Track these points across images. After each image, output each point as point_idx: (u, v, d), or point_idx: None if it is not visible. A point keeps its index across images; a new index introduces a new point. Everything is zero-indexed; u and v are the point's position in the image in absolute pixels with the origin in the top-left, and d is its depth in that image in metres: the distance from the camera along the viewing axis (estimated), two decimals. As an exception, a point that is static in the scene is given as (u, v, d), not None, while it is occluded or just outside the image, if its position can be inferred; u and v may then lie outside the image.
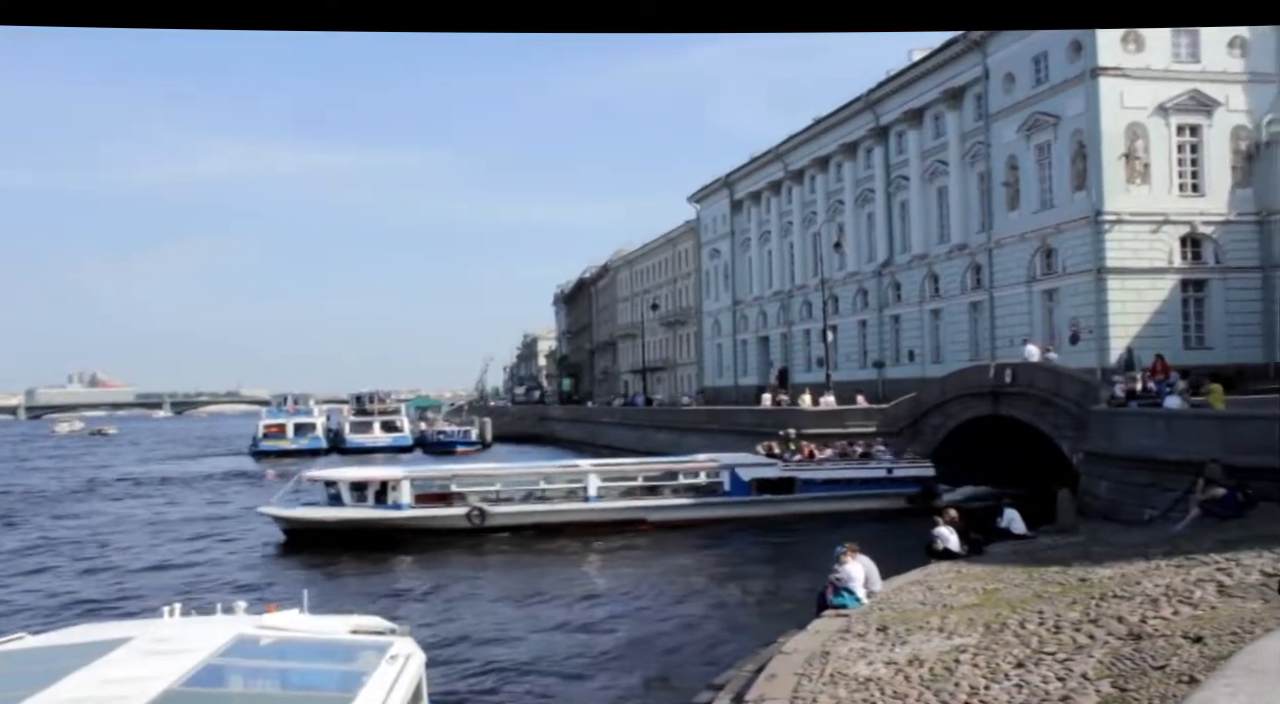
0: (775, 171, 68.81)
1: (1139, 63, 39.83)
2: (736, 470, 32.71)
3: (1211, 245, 40.48)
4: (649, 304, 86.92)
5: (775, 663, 11.18)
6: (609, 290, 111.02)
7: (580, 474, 32.97)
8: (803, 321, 65.09)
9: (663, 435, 57.30)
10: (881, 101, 55.12)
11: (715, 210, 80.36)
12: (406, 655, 8.27)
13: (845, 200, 60.04)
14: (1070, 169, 41.33)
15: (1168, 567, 13.03)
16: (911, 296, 53.34)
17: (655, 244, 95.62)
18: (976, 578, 15.14)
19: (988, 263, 46.74)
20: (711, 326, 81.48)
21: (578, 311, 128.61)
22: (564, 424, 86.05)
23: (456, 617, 20.53)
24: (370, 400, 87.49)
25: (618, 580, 24.15)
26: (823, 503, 32.01)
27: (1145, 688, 8.26)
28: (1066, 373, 33.80)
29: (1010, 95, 44.85)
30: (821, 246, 57.39)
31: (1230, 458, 18.75)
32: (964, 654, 10.22)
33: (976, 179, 48.24)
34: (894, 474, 33.43)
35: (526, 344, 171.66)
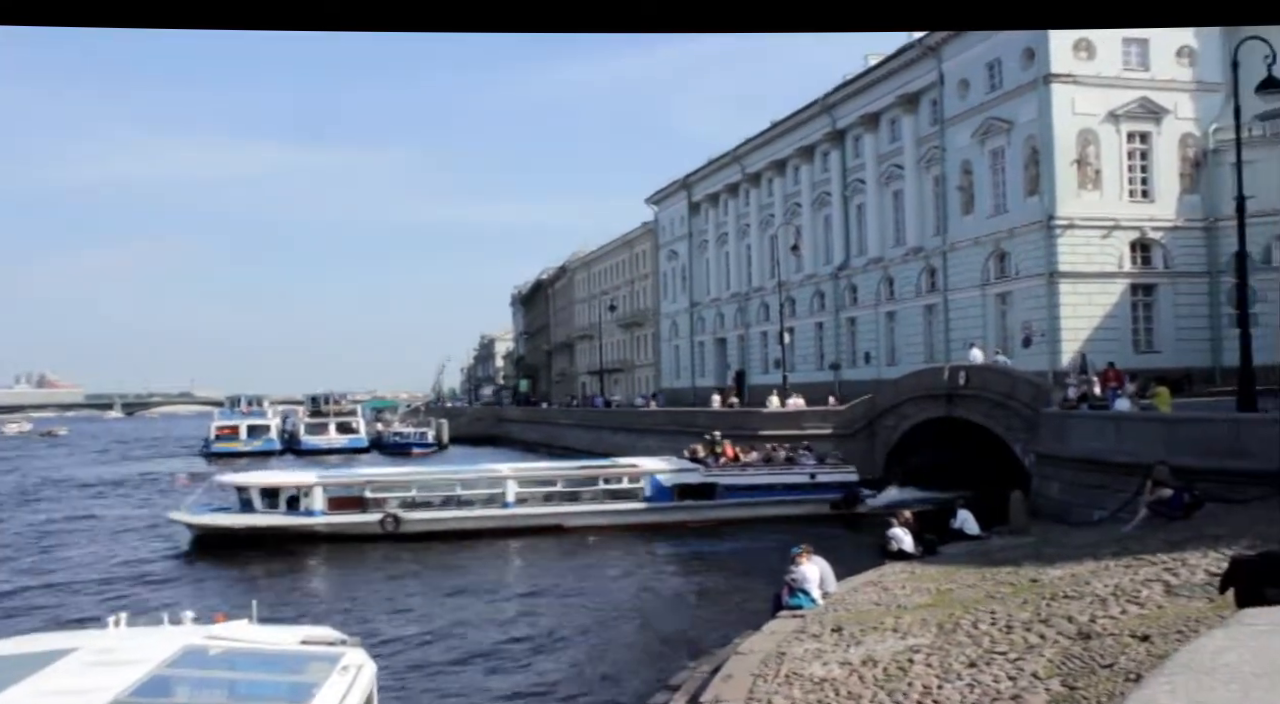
0: (733, 174, 69.09)
1: (1090, 70, 40.43)
2: (658, 476, 32.56)
3: (1160, 250, 41.15)
4: (606, 305, 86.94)
5: (731, 664, 11.23)
6: (567, 291, 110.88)
7: (498, 479, 32.64)
8: (760, 323, 65.39)
9: (620, 437, 57.28)
10: (838, 106, 55.52)
11: (673, 212, 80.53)
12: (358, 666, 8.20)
13: (802, 203, 60.42)
14: (1023, 174, 41.86)
15: (1116, 567, 13.22)
16: (867, 299, 53.76)
17: (613, 246, 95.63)
18: (930, 578, 15.29)
19: (942, 266, 47.21)
20: (669, 328, 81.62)
21: (535, 313, 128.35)
22: (521, 425, 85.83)
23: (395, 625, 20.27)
24: (326, 402, 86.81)
25: (555, 585, 23.97)
26: (745, 508, 31.98)
27: (1093, 686, 8.40)
28: (1019, 375, 34.21)
29: (965, 101, 45.34)
30: (778, 249, 57.68)
31: (1177, 460, 19.06)
32: (917, 654, 10.32)
33: (931, 183, 48.73)
34: (817, 479, 33.22)
35: (484, 345, 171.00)
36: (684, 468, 33.69)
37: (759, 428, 41.50)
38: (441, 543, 29.71)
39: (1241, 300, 23.42)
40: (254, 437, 78.32)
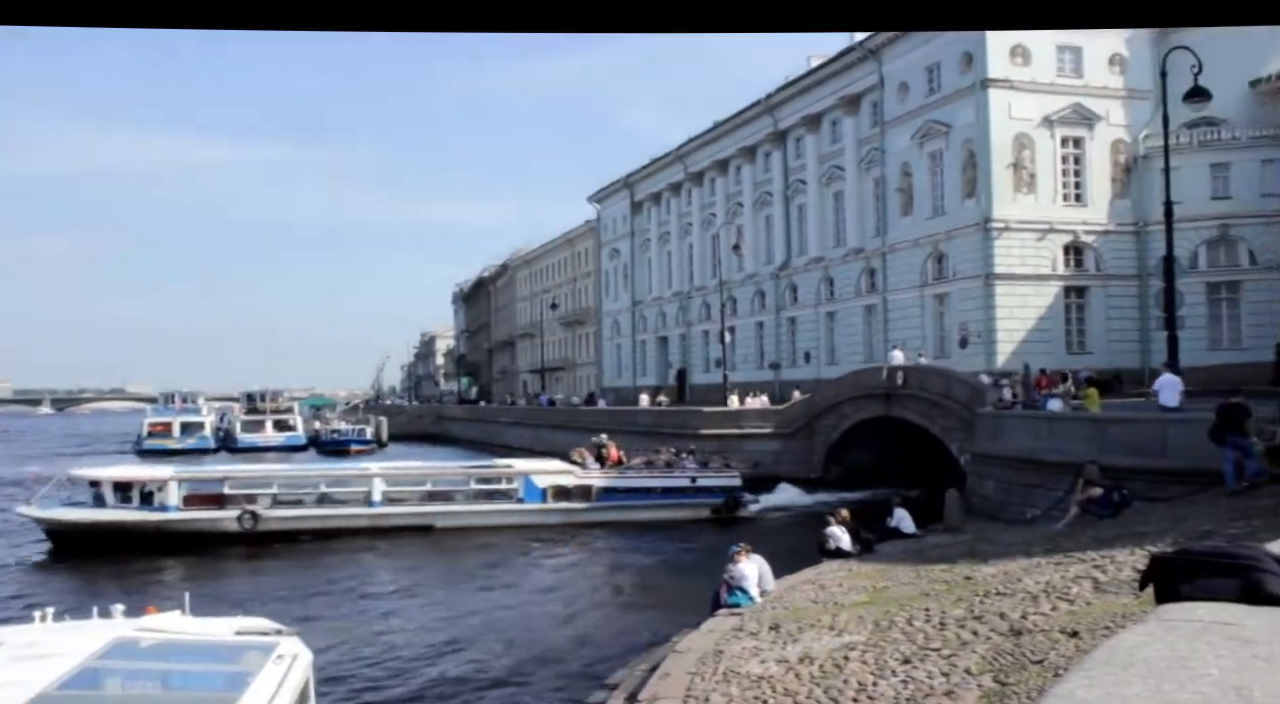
0: (675, 173, 69.26)
1: (1026, 76, 41.14)
2: (532, 478, 32.10)
3: (1092, 253, 42.00)
4: (548, 304, 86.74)
5: (669, 662, 11.26)
6: (508, 289, 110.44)
7: (365, 478, 31.96)
8: (701, 322, 65.63)
9: (560, 436, 57.14)
10: (780, 106, 55.91)
11: (615, 211, 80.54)
12: (293, 656, 8.11)
13: (744, 203, 60.75)
14: (961, 177, 42.48)
15: (1048, 564, 13.45)
16: (808, 299, 54.20)
17: (555, 244, 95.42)
18: (867, 576, 15.45)
19: (882, 267, 47.75)
20: (611, 327, 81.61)
21: (476, 310, 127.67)
22: (461, 424, 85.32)
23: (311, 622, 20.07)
24: (263, 399, 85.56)
25: (456, 584, 23.87)
26: (622, 512, 31.53)
27: (1024, 681, 8.55)
28: (956, 376, 34.70)
29: (904, 104, 45.89)
30: (720, 248, 58.00)
31: (1107, 459, 19.47)
32: (853, 651, 10.43)
33: (872, 185, 49.26)
34: (698, 483, 32.91)
35: (424, 342, 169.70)
36: (560, 470, 33.20)
37: (699, 427, 41.68)
38: (303, 542, 28.99)
39: (1169, 303, 23.99)
40: (188, 434, 76.92)
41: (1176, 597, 2.66)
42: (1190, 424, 19.08)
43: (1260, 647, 2.17)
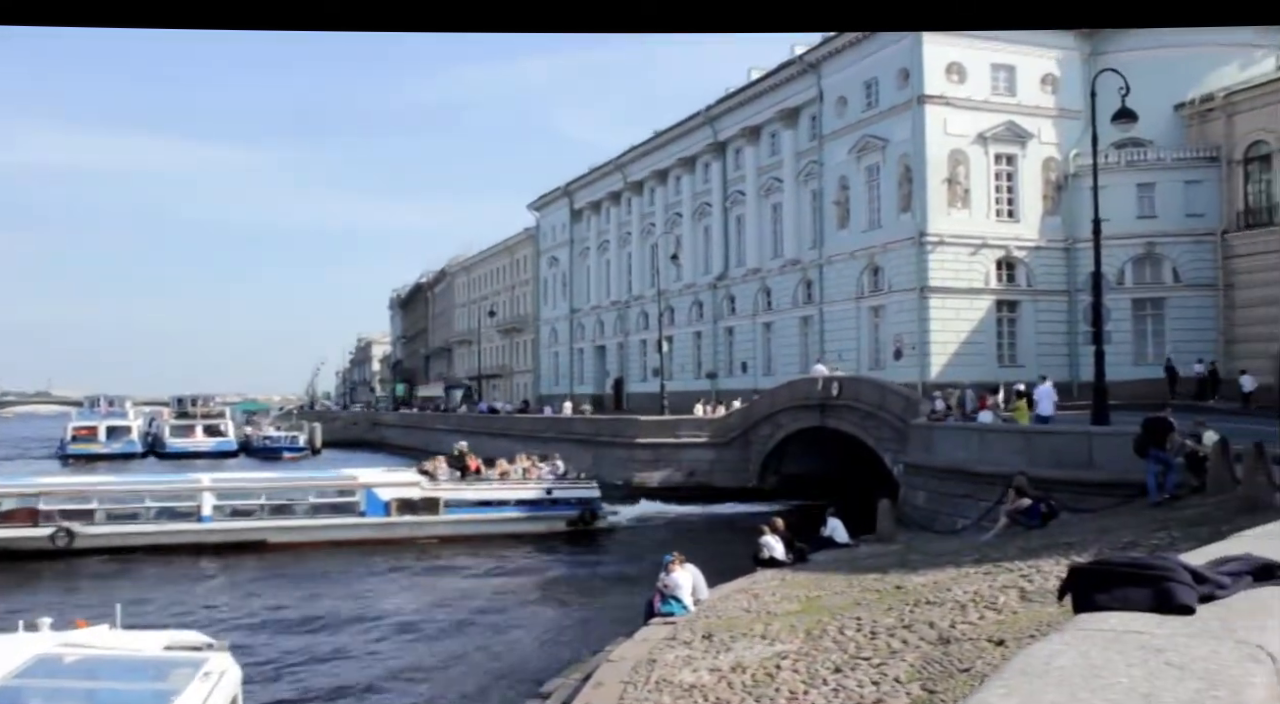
0: (615, 182, 69.36)
1: (961, 93, 41.85)
2: (374, 490, 31.00)
3: (1024, 269, 42.80)
4: (486, 310, 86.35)
5: (602, 671, 11.26)
6: (446, 296, 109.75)
7: (193, 491, 30.45)
8: (639, 331, 65.73)
9: (498, 443, 56.88)
10: (720, 118, 56.26)
11: (555, 218, 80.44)
12: (221, 672, 8.00)
13: (683, 213, 61.00)
14: (897, 191, 43.06)
15: (976, 574, 13.66)
16: (745, 309, 54.53)
17: (494, 250, 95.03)
18: (800, 586, 15.56)
19: (818, 279, 48.20)
20: (549, 334, 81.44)
21: (414, 316, 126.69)
22: (397, 430, 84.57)
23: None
24: (193, 403, 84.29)
25: (366, 596, 23.67)
26: (472, 525, 30.92)
27: (951, 690, 8.68)
28: (890, 387, 35.11)
29: (842, 118, 46.44)
30: (659, 258, 58.20)
31: (1036, 471, 19.85)
32: (785, 660, 10.50)
33: (809, 197, 49.73)
34: (552, 495, 32.24)
35: (360, 348, 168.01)
36: (406, 482, 32.20)
37: (636, 435, 41.74)
38: (126, 559, 27.49)
39: (1097, 319, 24.53)
40: (114, 438, 75.30)
41: (1093, 606, 2.73)
42: (1115, 437, 19.54)
43: (1169, 654, 2.23)
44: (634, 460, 41.21)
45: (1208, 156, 41.17)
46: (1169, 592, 2.69)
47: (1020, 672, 2.15)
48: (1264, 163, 39.93)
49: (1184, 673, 2.13)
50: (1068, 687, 2.03)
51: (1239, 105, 40.65)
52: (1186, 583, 2.75)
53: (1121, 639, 2.39)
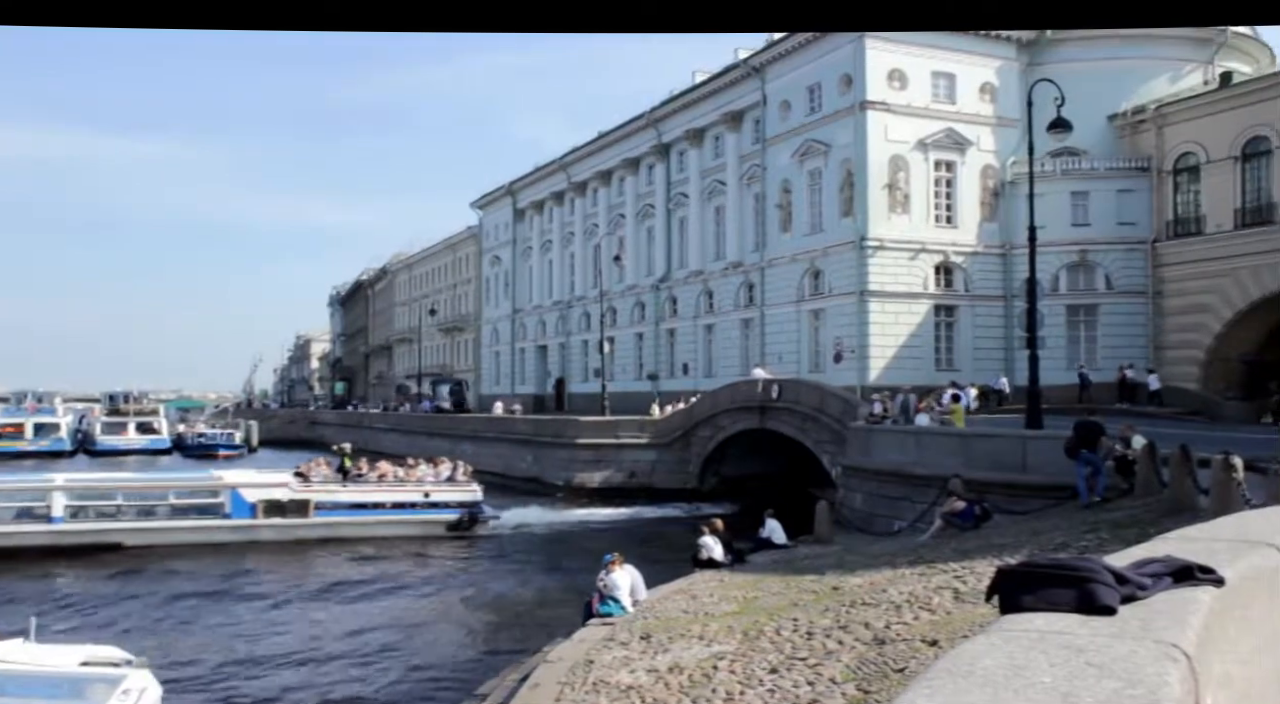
0: (559, 182, 69.27)
1: (903, 99, 42.36)
2: (240, 491, 29.91)
3: (962, 274, 43.41)
4: (427, 309, 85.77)
5: (539, 672, 11.25)
6: (387, 293, 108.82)
7: (42, 491, 28.95)
8: (581, 332, 65.69)
9: (436, 443, 56.55)
10: (664, 120, 56.41)
11: (498, 217, 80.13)
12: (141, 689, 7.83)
13: (626, 214, 61.08)
14: (839, 195, 43.46)
15: (912, 575, 13.84)
16: (687, 311, 54.73)
17: (436, 248, 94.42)
18: (738, 587, 15.65)
19: (760, 281, 48.50)
20: (490, 334, 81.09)
21: (354, 314, 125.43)
22: (335, 429, 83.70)
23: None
24: (125, 400, 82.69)
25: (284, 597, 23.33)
26: (345, 528, 30.10)
27: (886, 689, 8.79)
28: (829, 390, 35.42)
29: (786, 122, 46.78)
30: (602, 258, 58.19)
31: (971, 473, 20.14)
32: (722, 661, 10.56)
33: (752, 200, 50.03)
34: (431, 498, 31.51)
35: (299, 346, 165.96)
36: (274, 483, 31.08)
37: (576, 436, 41.70)
38: None
39: (1031, 324, 24.97)
40: (41, 435, 73.56)
41: (1019, 607, 2.78)
42: (1048, 440, 19.89)
43: (1090, 654, 2.29)
44: (575, 461, 41.18)
45: (1139, 167, 42.10)
46: (1092, 593, 2.75)
47: (946, 672, 2.18)
48: (1192, 174, 40.91)
49: (1103, 672, 2.18)
50: (991, 687, 2.07)
51: (1169, 117, 41.63)
52: (1109, 584, 2.81)
53: (1045, 639, 2.44)
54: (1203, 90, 41.77)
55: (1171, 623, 2.60)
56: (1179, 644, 2.40)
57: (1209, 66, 43.27)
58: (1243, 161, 38.98)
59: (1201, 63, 43.48)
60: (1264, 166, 38.40)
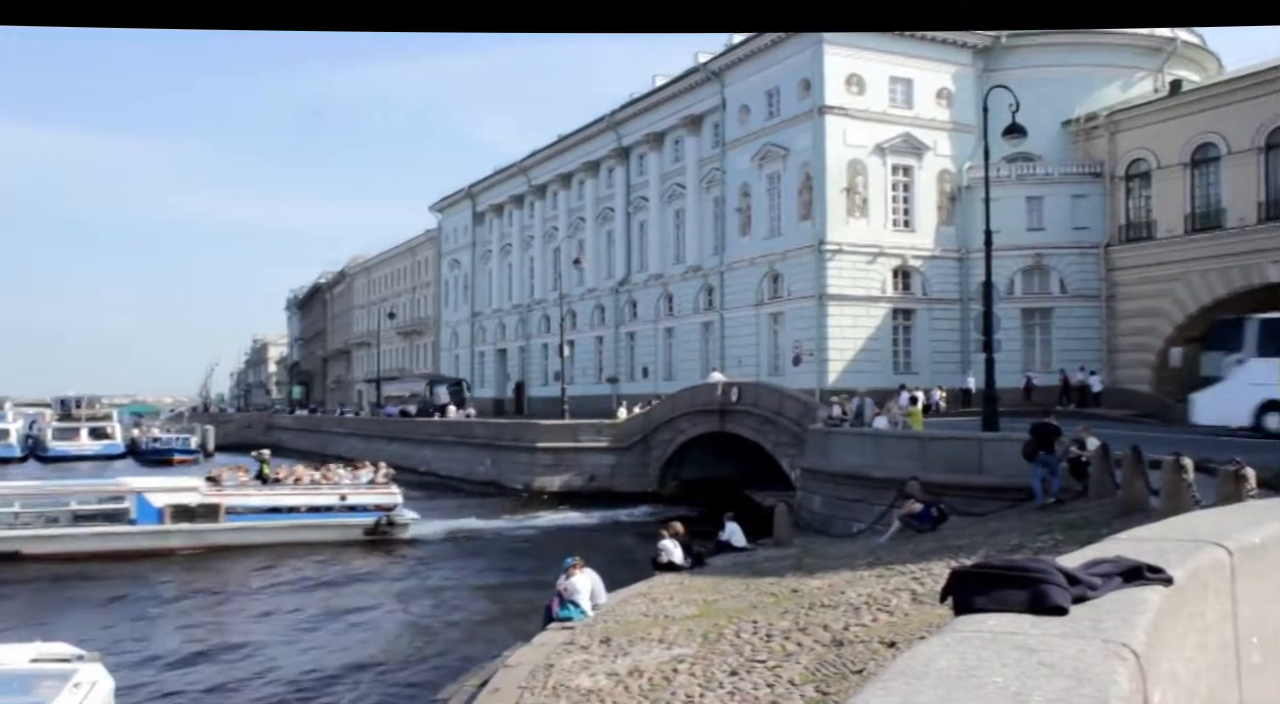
0: (519, 185, 69.13)
1: (861, 104, 42.68)
2: (146, 496, 28.83)
3: (919, 277, 43.80)
4: (386, 312, 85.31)
5: (499, 676, 11.21)
6: (346, 297, 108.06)
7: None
8: (541, 335, 65.58)
9: (395, 447, 56.21)
10: (624, 123, 56.48)
11: (457, 220, 79.84)
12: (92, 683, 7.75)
13: (586, 217, 61.07)
14: (798, 199, 43.70)
15: (870, 577, 13.95)
16: (647, 314, 54.78)
17: (395, 252, 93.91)
18: (698, 590, 15.69)
19: (720, 285, 48.65)
20: (450, 337, 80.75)
21: (312, 317, 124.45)
22: (293, 433, 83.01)
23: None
24: (78, 405, 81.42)
25: None
26: (257, 533, 29.17)
27: (844, 691, 8.85)
28: (788, 393, 35.58)
29: (745, 126, 46.98)
30: (561, 262, 58.15)
31: (928, 475, 20.33)
32: (682, 664, 10.59)
33: (712, 204, 50.20)
34: (348, 501, 30.74)
35: (256, 350, 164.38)
36: (183, 487, 30.30)
37: (536, 440, 41.61)
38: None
39: (987, 327, 25.24)
40: None
41: (972, 608, 2.82)
42: (1004, 443, 20.12)
43: (1041, 654, 2.32)
44: (535, 464, 41.08)
45: (1092, 172, 42.70)
46: (1044, 593, 2.79)
47: (900, 673, 2.21)
48: (1144, 180, 41.58)
49: (1054, 672, 2.22)
50: (944, 687, 2.10)
51: (1121, 124, 42.28)
52: (1060, 585, 2.86)
53: (998, 640, 2.48)
54: (1153, 97, 42.46)
55: (1121, 622, 2.64)
56: (1128, 643, 2.44)
57: (1159, 74, 43.98)
58: (1192, 168, 39.68)
59: (1152, 71, 44.18)
60: (1213, 173, 39.12)
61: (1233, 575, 3.85)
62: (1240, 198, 37.92)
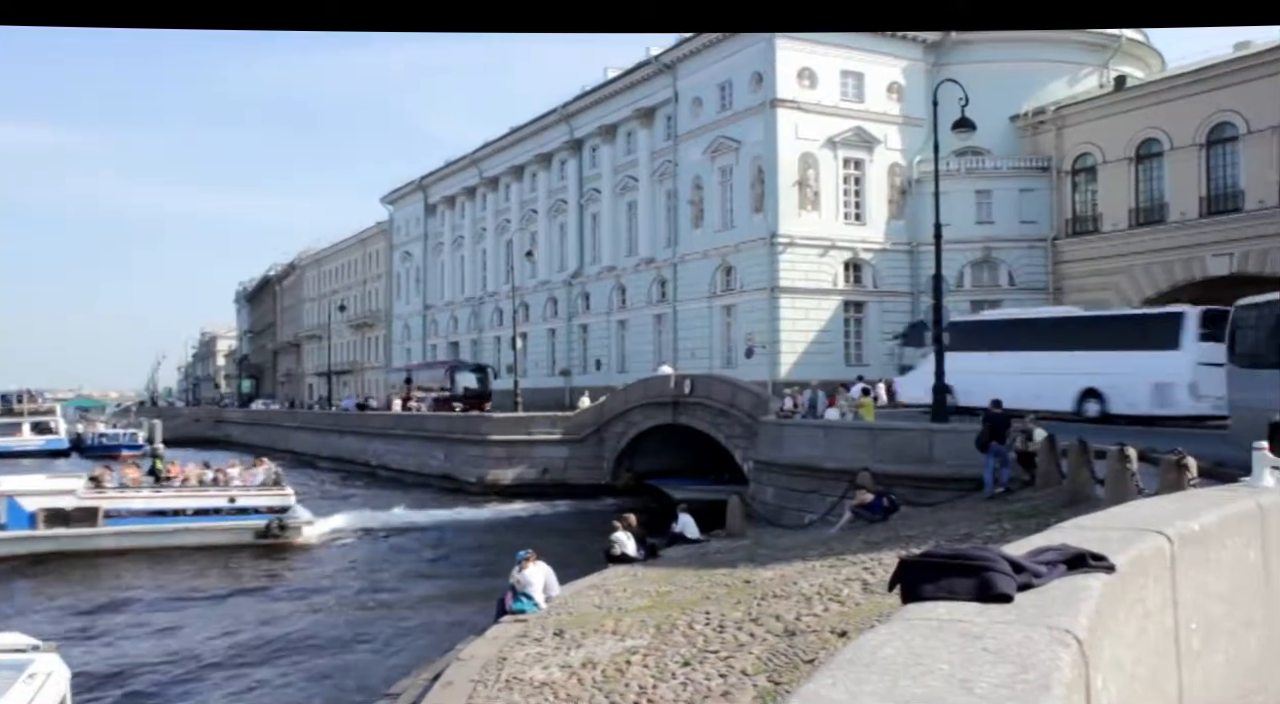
0: (471, 177, 68.75)
1: (812, 98, 42.89)
2: (16, 499, 27.29)
3: (870, 270, 44.15)
4: (337, 305, 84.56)
5: (451, 670, 11.16)
6: (296, 289, 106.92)
7: None
8: (493, 328, 65.33)
9: (347, 441, 55.78)
10: (577, 115, 56.34)
11: (409, 213, 79.28)
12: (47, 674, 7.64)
13: (539, 210, 60.88)
14: (750, 192, 43.86)
15: (822, 567, 14.05)
16: (600, 307, 54.75)
17: (346, 244, 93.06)
18: (651, 581, 15.72)
19: (672, 277, 48.73)
20: (401, 330, 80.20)
21: (261, 310, 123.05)
22: (242, 427, 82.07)
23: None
24: (19, 399, 79.83)
25: None
26: (140, 537, 27.84)
27: (796, 680, 8.92)
28: (741, 385, 35.70)
29: (697, 119, 47.06)
30: (514, 254, 57.93)
31: (879, 466, 20.52)
32: (635, 655, 10.61)
33: (664, 196, 50.24)
34: (237, 503, 29.30)
35: (204, 343, 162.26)
36: (57, 489, 28.64)
37: (489, 432, 41.45)
38: None
39: (938, 320, 25.47)
40: None
41: (920, 596, 2.85)
42: (954, 434, 20.36)
43: (987, 641, 2.36)
44: (487, 458, 40.93)
45: (1039, 166, 43.27)
46: (989, 581, 2.84)
47: (848, 661, 2.24)
48: (1090, 174, 42.21)
49: (999, 658, 2.26)
50: (891, 675, 2.13)
51: (1067, 119, 42.88)
52: (1006, 573, 2.90)
53: (944, 628, 2.51)
54: (1099, 93, 43.10)
55: (1064, 609, 2.69)
56: (1071, 629, 2.49)
57: (1105, 70, 44.63)
58: (1136, 162, 40.34)
59: (1098, 67, 44.82)
60: (1156, 168, 39.81)
61: (1173, 563, 3.94)
62: (1182, 192, 38.62)
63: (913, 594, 2.90)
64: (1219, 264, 37.09)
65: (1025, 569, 3.03)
